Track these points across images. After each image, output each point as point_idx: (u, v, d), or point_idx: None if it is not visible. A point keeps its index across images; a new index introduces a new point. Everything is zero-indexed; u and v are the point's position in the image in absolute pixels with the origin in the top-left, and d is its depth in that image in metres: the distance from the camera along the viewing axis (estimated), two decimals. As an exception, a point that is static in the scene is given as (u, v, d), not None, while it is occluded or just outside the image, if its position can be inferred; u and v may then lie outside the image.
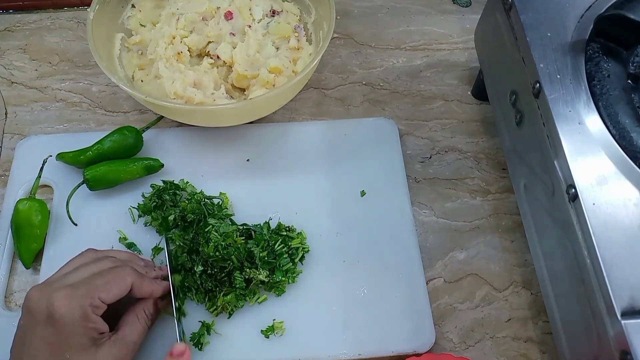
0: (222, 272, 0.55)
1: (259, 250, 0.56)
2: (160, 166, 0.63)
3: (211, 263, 0.55)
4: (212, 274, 0.55)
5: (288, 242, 0.58)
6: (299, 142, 0.67)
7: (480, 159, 0.68)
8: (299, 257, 0.58)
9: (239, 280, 0.55)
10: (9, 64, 0.73)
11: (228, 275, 0.55)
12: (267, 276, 0.55)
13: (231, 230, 0.57)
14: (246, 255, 0.56)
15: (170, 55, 0.64)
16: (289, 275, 0.57)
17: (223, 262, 0.55)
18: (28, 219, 0.57)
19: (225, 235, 0.56)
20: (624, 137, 0.46)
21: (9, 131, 0.68)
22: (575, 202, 0.44)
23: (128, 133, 0.63)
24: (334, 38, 0.78)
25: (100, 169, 0.60)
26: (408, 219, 0.62)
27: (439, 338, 0.57)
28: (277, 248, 0.57)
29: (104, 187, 0.61)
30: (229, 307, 0.55)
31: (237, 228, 0.58)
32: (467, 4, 0.83)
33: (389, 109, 0.72)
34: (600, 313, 0.41)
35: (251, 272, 0.55)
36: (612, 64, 0.50)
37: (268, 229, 0.59)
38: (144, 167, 0.62)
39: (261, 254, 0.56)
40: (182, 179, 0.63)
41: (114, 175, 0.61)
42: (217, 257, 0.55)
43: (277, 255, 0.57)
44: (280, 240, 0.58)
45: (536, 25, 0.52)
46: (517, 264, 0.62)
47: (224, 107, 0.59)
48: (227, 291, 0.55)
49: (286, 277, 0.57)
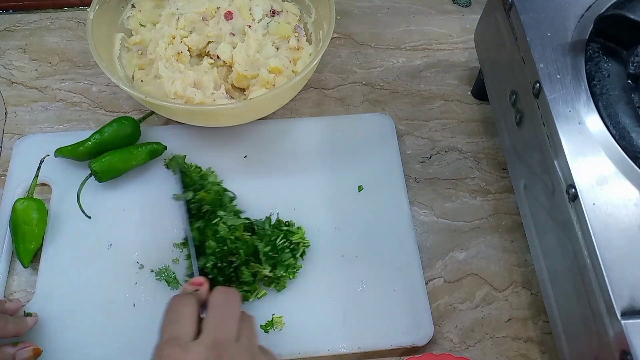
0: (230, 266, 0.55)
1: (262, 245, 0.56)
2: (163, 149, 0.63)
3: (220, 257, 0.55)
4: (222, 268, 0.55)
5: (289, 237, 0.58)
6: (296, 139, 0.67)
7: (480, 159, 0.68)
8: (300, 252, 0.58)
9: (246, 275, 0.55)
10: (9, 63, 0.73)
11: (235, 270, 0.55)
12: (270, 271, 0.56)
13: (239, 223, 0.57)
14: (252, 250, 0.56)
15: (170, 55, 0.64)
16: (290, 271, 0.57)
17: (231, 256, 0.55)
18: (26, 218, 0.57)
19: (234, 229, 0.56)
20: (624, 137, 0.46)
21: (8, 131, 0.68)
22: (575, 202, 0.44)
23: (126, 122, 0.63)
24: (334, 38, 0.78)
25: (105, 159, 0.60)
26: (406, 214, 0.62)
27: (439, 338, 0.57)
28: (279, 243, 0.57)
29: (112, 176, 0.61)
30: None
31: (243, 222, 0.58)
32: (467, 4, 0.83)
33: (389, 108, 0.72)
34: (600, 313, 0.41)
35: (256, 266, 0.55)
36: (612, 64, 0.50)
37: (269, 224, 0.59)
38: (148, 152, 0.62)
39: (265, 249, 0.56)
40: (209, 167, 0.63)
41: (120, 163, 0.61)
42: (225, 252, 0.55)
43: (279, 250, 0.57)
44: (282, 235, 0.58)
45: (536, 25, 0.52)
46: (517, 264, 0.62)
47: (224, 107, 0.59)
48: (235, 287, 0.55)
49: (287, 273, 0.57)
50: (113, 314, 0.55)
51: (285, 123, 0.69)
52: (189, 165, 0.63)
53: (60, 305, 0.55)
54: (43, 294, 0.56)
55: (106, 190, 0.62)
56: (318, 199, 0.63)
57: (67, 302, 0.55)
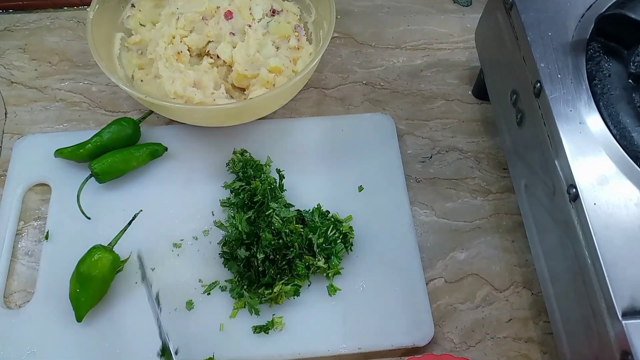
0: (284, 259, 0.55)
1: (316, 237, 0.56)
2: (164, 150, 0.63)
3: (272, 250, 0.55)
4: (274, 261, 0.55)
5: (339, 227, 0.59)
6: (296, 139, 0.67)
7: (480, 159, 0.68)
8: (350, 244, 0.59)
9: (300, 268, 0.55)
10: (9, 63, 0.73)
11: (288, 263, 0.55)
12: (324, 263, 0.56)
13: (291, 216, 0.58)
14: (307, 243, 0.56)
15: (170, 54, 0.64)
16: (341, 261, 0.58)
17: (286, 249, 0.55)
18: (100, 271, 0.53)
19: (287, 221, 0.57)
20: (624, 137, 0.46)
21: (8, 131, 0.68)
22: (576, 202, 0.44)
23: (126, 124, 0.63)
24: (334, 37, 0.78)
25: (106, 160, 0.60)
26: (406, 214, 0.62)
27: (440, 338, 0.57)
28: (330, 234, 0.57)
29: (113, 177, 0.61)
30: (283, 297, 0.55)
31: (295, 214, 0.58)
32: (467, 4, 0.82)
33: (390, 108, 0.72)
34: (601, 313, 0.41)
35: (309, 259, 0.56)
36: (613, 64, 0.50)
37: (319, 215, 0.60)
38: (149, 152, 0.62)
39: (318, 241, 0.56)
40: (268, 157, 0.64)
41: (121, 164, 0.61)
42: (280, 244, 0.55)
43: (332, 241, 0.57)
44: (332, 226, 0.58)
45: (537, 24, 0.52)
46: (518, 264, 0.61)
47: (224, 107, 0.59)
48: (288, 280, 0.55)
49: (339, 262, 0.58)
50: (113, 313, 0.55)
51: (285, 123, 0.68)
52: (249, 159, 0.63)
53: (60, 305, 0.55)
54: (43, 294, 0.56)
55: (106, 191, 0.62)
56: (319, 198, 0.62)
57: (67, 302, 0.55)
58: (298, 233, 0.56)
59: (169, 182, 0.63)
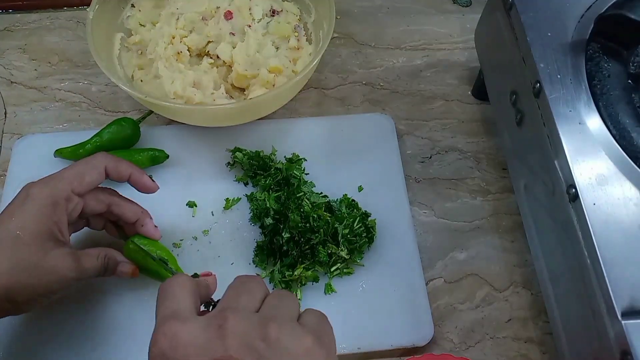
0: (307, 243, 0.55)
1: (342, 227, 0.57)
2: (165, 157, 0.63)
3: (298, 232, 0.55)
4: (298, 243, 0.55)
5: (365, 220, 0.59)
6: (296, 139, 0.67)
7: (480, 159, 0.68)
8: (372, 240, 0.59)
9: (323, 255, 0.55)
10: (9, 63, 0.73)
11: (311, 248, 0.56)
12: (347, 254, 0.56)
13: (320, 202, 0.58)
14: (332, 231, 0.56)
15: (170, 55, 0.64)
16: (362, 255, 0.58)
17: (311, 233, 0.55)
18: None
19: (316, 207, 0.57)
20: (624, 137, 0.46)
21: (8, 131, 0.68)
22: (576, 202, 0.44)
23: (125, 124, 0.63)
24: (334, 38, 0.78)
25: None
26: (406, 214, 0.62)
27: (439, 338, 0.57)
28: (355, 227, 0.58)
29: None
30: (304, 281, 0.56)
31: (324, 202, 0.59)
32: (467, 4, 0.83)
33: (389, 108, 0.72)
34: (600, 313, 0.41)
35: (332, 247, 0.56)
36: (613, 64, 0.50)
37: (347, 205, 0.60)
38: (150, 158, 0.62)
39: (344, 231, 0.57)
40: (272, 146, 0.65)
41: None
42: (307, 228, 0.55)
43: (356, 234, 0.58)
44: (359, 219, 0.58)
45: (536, 25, 0.52)
46: (518, 264, 0.61)
47: (224, 107, 0.59)
48: (309, 265, 0.56)
49: (362, 255, 0.58)
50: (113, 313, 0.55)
51: (285, 123, 0.68)
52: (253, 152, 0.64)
53: (60, 305, 0.55)
54: (43, 294, 0.56)
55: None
56: (318, 198, 0.63)
57: (66, 302, 0.55)
58: (325, 220, 0.56)
59: (169, 181, 0.63)
